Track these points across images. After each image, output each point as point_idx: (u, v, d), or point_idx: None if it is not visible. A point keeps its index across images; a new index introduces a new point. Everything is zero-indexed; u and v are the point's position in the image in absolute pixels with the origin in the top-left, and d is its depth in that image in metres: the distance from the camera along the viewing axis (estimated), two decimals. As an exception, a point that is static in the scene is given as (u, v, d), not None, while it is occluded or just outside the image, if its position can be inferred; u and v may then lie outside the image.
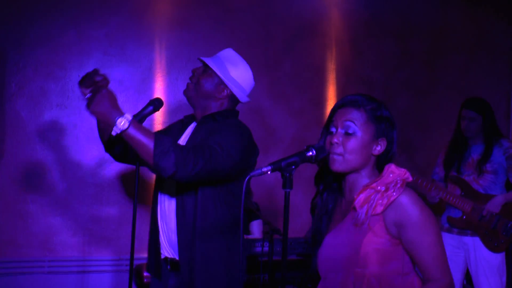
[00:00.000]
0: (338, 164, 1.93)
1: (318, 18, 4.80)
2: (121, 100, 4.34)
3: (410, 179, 1.90)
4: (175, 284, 2.60)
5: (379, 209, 1.85)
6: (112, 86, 4.27)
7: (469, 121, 3.98)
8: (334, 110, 1.99)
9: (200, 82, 2.60)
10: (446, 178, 4.08)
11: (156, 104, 2.54)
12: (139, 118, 2.47)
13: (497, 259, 3.91)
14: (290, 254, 4.04)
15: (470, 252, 3.97)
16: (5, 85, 4.05)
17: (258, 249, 3.92)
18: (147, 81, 4.36)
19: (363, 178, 1.96)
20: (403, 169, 1.92)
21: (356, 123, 1.92)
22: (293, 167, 1.85)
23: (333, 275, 1.94)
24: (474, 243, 3.94)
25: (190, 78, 2.66)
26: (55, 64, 4.17)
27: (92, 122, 4.23)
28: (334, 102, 4.77)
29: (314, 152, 1.89)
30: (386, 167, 1.93)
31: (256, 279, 3.90)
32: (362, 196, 1.89)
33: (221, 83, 2.61)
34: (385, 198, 1.85)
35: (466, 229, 3.95)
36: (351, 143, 1.92)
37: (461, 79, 5.16)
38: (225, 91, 2.62)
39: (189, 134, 2.64)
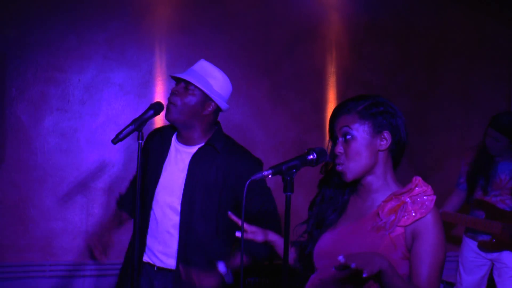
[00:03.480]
0: (348, 174, 1.92)
1: (318, 21, 4.80)
2: (121, 104, 4.39)
3: (435, 196, 1.89)
4: (162, 284, 2.62)
5: (407, 222, 1.85)
6: (112, 90, 4.34)
7: (495, 141, 3.81)
8: (331, 122, 1.99)
9: (184, 102, 2.57)
10: (469, 201, 3.94)
11: (156, 108, 2.54)
12: (140, 122, 2.46)
13: None
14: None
15: (494, 260, 3.91)
16: (5, 89, 4.05)
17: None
18: (148, 85, 4.36)
19: (378, 179, 1.95)
20: (428, 185, 1.91)
21: (351, 128, 1.91)
22: (294, 170, 1.84)
23: (335, 272, 1.93)
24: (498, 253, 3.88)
25: (170, 98, 2.61)
26: (55, 68, 4.18)
27: (92, 126, 4.25)
28: (334, 105, 4.77)
29: (315, 155, 1.89)
30: (414, 179, 1.92)
31: (257, 283, 3.90)
32: (388, 205, 1.88)
33: (207, 99, 2.59)
34: (412, 213, 1.85)
35: (500, 250, 3.83)
36: (352, 148, 1.91)
37: (461, 82, 5.16)
38: (211, 106, 2.61)
39: (185, 164, 2.62)
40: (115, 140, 2.41)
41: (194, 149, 2.64)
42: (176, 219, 2.60)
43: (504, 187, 3.84)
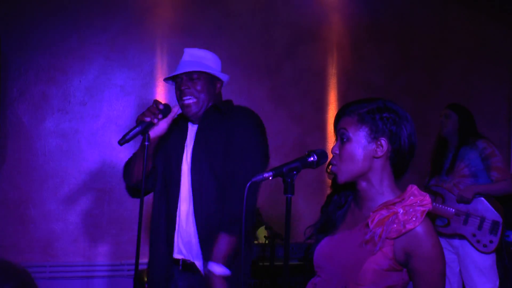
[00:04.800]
0: (339, 175, 1.89)
1: (319, 23, 4.80)
2: (122, 105, 4.39)
3: (430, 207, 1.82)
4: (187, 285, 2.60)
5: (394, 234, 1.78)
6: (113, 91, 4.35)
7: (445, 118, 4.08)
8: (334, 122, 1.98)
9: (199, 92, 2.59)
10: (426, 185, 4.07)
11: (164, 111, 2.53)
12: (147, 124, 2.46)
13: (487, 261, 3.86)
14: (291, 259, 4.04)
15: (460, 255, 3.96)
16: (6, 90, 4.05)
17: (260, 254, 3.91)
18: (149, 86, 4.36)
19: (372, 187, 1.89)
20: (425, 194, 1.83)
21: (348, 129, 1.87)
22: (295, 172, 1.83)
23: (327, 278, 1.91)
24: (462, 245, 3.93)
25: (185, 96, 2.59)
26: (57, 69, 4.18)
27: (94, 127, 4.26)
28: (335, 106, 4.78)
29: (316, 157, 1.88)
30: (409, 188, 1.85)
31: (258, 284, 3.90)
32: (378, 215, 1.81)
33: (213, 79, 2.65)
34: (401, 225, 1.78)
35: (453, 236, 3.94)
36: (346, 150, 1.87)
37: (461, 83, 5.16)
38: (218, 84, 2.68)
39: (194, 134, 2.63)
40: (122, 141, 2.38)
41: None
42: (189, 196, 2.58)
43: (458, 172, 3.98)
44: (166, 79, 2.70)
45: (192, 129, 2.68)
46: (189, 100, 2.58)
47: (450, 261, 4.00)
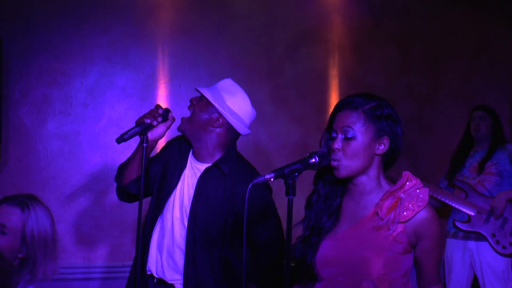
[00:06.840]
0: (341, 170, 1.93)
1: (320, 24, 4.80)
2: (124, 107, 4.40)
3: (427, 188, 1.96)
4: None
5: (405, 218, 1.89)
6: (115, 93, 4.35)
7: (479, 121, 4.06)
8: (333, 114, 2.00)
9: (195, 111, 2.59)
10: (451, 182, 4.07)
11: (164, 115, 2.55)
12: (145, 126, 2.48)
13: (501, 265, 3.87)
14: (293, 261, 4.03)
15: (474, 258, 3.95)
16: (8, 92, 4.06)
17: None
18: (150, 88, 4.37)
19: (372, 180, 1.97)
20: (417, 178, 1.97)
21: (354, 127, 1.92)
22: (296, 174, 1.85)
23: (344, 279, 1.92)
24: (478, 248, 3.92)
25: (189, 108, 2.65)
26: (58, 71, 4.18)
27: (95, 129, 4.26)
28: (336, 108, 4.76)
29: (317, 159, 1.90)
30: (404, 174, 1.96)
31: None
32: (386, 204, 1.91)
33: (216, 112, 2.58)
34: (410, 207, 1.90)
35: (472, 233, 3.93)
36: (351, 147, 1.92)
37: (463, 85, 5.16)
38: (220, 120, 2.58)
39: (193, 184, 2.60)
40: (120, 140, 2.41)
41: (203, 166, 2.62)
42: (183, 233, 2.58)
43: (478, 165, 4.00)
44: (196, 89, 2.70)
45: (191, 162, 2.66)
46: (185, 117, 2.63)
47: (463, 264, 3.99)
